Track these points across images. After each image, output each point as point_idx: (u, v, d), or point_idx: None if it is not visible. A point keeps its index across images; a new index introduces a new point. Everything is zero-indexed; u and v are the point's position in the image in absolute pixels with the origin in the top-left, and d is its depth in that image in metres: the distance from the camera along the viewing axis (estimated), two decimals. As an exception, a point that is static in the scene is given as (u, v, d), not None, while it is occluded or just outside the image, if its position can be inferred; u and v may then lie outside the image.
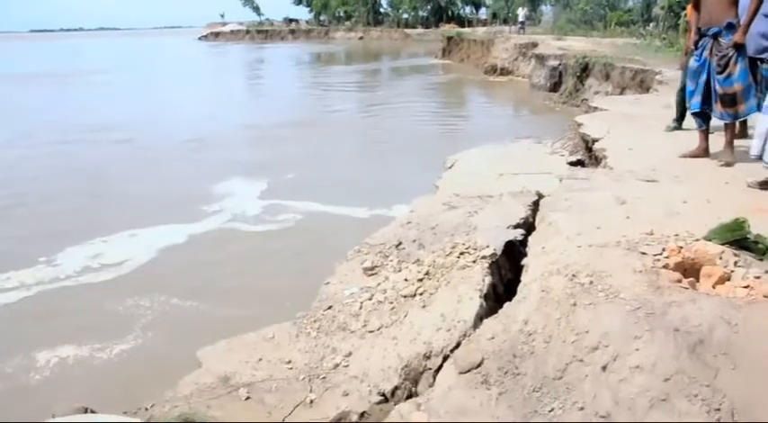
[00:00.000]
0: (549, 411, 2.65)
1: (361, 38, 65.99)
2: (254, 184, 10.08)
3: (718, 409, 2.50)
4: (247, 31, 77.79)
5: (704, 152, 6.03)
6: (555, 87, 18.19)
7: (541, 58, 19.56)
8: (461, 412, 2.73)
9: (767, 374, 2.59)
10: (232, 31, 79.40)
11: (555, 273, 3.33)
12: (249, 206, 9.03)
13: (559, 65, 18.22)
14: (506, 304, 3.38)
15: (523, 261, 3.93)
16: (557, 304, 3.06)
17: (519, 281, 3.90)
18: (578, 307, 2.95)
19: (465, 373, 2.91)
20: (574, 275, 3.19)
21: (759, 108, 6.69)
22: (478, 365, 2.92)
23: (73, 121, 17.07)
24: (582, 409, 2.62)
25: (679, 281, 3.12)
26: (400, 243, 4.62)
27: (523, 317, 3.11)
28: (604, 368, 2.71)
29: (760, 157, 4.71)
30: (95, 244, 7.54)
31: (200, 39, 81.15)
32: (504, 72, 23.05)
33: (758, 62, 6.52)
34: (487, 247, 4.19)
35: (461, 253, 4.17)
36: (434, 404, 2.81)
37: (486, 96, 19.98)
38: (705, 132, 6.09)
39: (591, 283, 3.09)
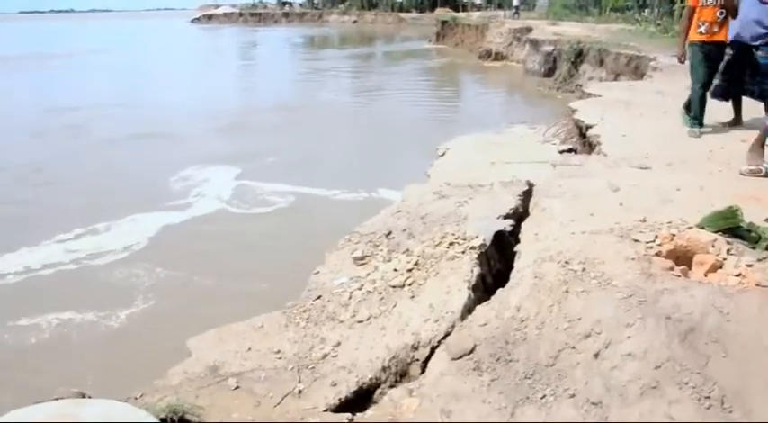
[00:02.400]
0: (541, 398, 2.66)
1: (354, 21, 65.55)
2: (240, 170, 9.98)
3: (708, 397, 2.51)
4: (240, 14, 77.16)
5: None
6: (549, 73, 18.14)
7: (536, 44, 19.48)
8: (453, 398, 2.73)
9: (758, 362, 2.60)
10: (225, 14, 78.74)
11: (548, 259, 3.33)
12: (232, 190, 8.97)
13: (554, 50, 18.16)
14: (499, 290, 3.38)
15: (516, 247, 3.93)
16: (549, 291, 3.06)
17: (508, 271, 3.90)
18: (571, 294, 2.95)
19: (457, 359, 2.91)
20: (567, 262, 3.19)
21: (752, 94, 6.71)
22: (471, 352, 2.92)
23: (45, 104, 17.04)
24: (573, 395, 2.63)
25: (671, 268, 3.12)
26: (390, 232, 4.60)
27: (516, 303, 3.11)
28: (596, 355, 2.72)
29: None
30: (69, 234, 7.47)
31: (192, 21, 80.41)
32: (499, 57, 22.96)
33: (753, 50, 6.49)
34: (477, 237, 4.18)
35: (451, 243, 4.16)
36: (426, 390, 2.82)
37: (480, 81, 19.90)
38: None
39: (584, 270, 3.10)
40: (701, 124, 6.71)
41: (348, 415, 2.71)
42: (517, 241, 4.37)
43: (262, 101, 16.67)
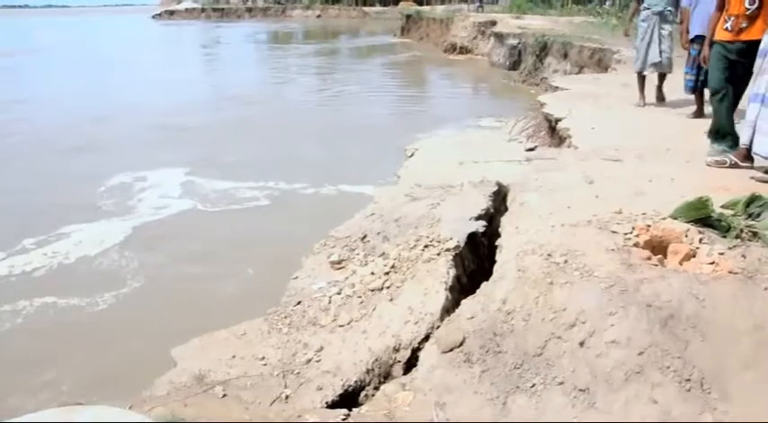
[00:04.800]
0: (531, 387, 2.76)
1: (318, 16, 65.24)
2: (204, 169, 9.66)
3: (689, 380, 2.64)
4: (203, 10, 76.07)
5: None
6: (514, 66, 18.36)
7: (500, 37, 19.70)
8: (446, 390, 2.82)
9: (733, 345, 2.74)
10: (187, 10, 77.52)
11: (530, 252, 3.43)
12: (194, 190, 8.71)
13: (519, 44, 18.38)
14: (483, 284, 3.47)
15: (498, 241, 4.03)
16: (534, 283, 3.16)
17: (482, 270, 4.00)
18: (555, 285, 3.06)
19: (447, 352, 3.00)
20: (549, 255, 3.30)
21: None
22: (460, 345, 3.01)
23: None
24: (562, 383, 2.74)
25: (649, 258, 3.25)
26: (365, 236, 4.64)
27: (501, 296, 3.21)
28: (582, 344, 2.83)
29: (748, 148, 4.77)
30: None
31: (153, 17, 79.06)
32: (464, 50, 23.13)
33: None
34: (451, 239, 4.26)
35: (426, 246, 4.23)
36: (419, 383, 2.90)
37: (446, 75, 20.04)
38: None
39: (566, 261, 3.20)
40: (733, 145, 5.16)
41: (344, 411, 2.77)
42: (490, 240, 4.48)
43: (224, 98, 16.23)
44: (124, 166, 9.82)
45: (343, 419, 2.67)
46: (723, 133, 5.31)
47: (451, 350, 2.99)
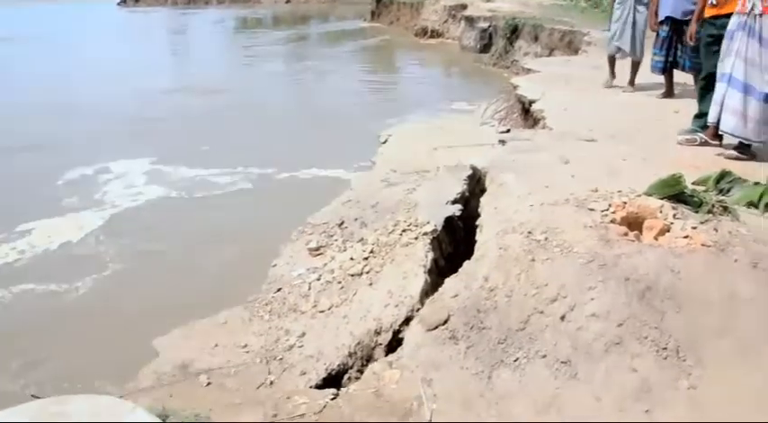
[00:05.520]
0: (515, 361, 2.84)
1: (288, 1, 64.37)
2: (169, 158, 9.38)
3: (666, 348, 2.75)
4: (168, -4, 74.67)
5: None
6: (485, 49, 18.36)
7: (471, 20, 19.69)
8: (432, 366, 2.88)
9: (707, 314, 2.85)
10: (152, -4, 76.04)
11: (510, 231, 3.51)
12: (165, 178, 8.53)
13: (489, 27, 18.40)
14: (466, 263, 3.54)
15: (478, 221, 4.10)
16: (515, 261, 3.24)
17: (458, 253, 4.06)
18: (536, 262, 3.14)
19: (432, 329, 3.07)
20: (529, 233, 3.38)
21: (683, 67, 7.08)
22: (445, 322, 3.08)
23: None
24: (545, 356, 2.82)
25: (625, 234, 3.35)
26: (343, 222, 4.67)
27: (484, 274, 3.28)
28: (563, 318, 2.92)
29: (716, 126, 4.88)
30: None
31: (119, 5, 77.37)
32: (435, 34, 23.05)
33: (684, 26, 6.84)
34: (428, 223, 4.31)
35: (404, 230, 4.28)
36: (406, 361, 2.96)
37: (418, 59, 19.99)
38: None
39: (546, 239, 3.29)
40: (704, 124, 5.20)
41: (333, 390, 2.83)
42: (466, 223, 4.55)
43: (190, 86, 15.64)
44: (84, 159, 9.34)
45: (333, 399, 2.72)
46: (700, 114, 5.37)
47: (436, 328, 3.06)
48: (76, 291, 5.67)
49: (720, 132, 4.85)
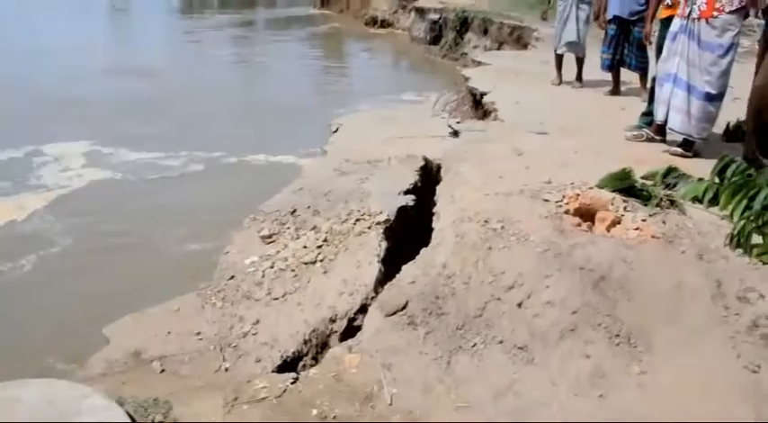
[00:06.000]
0: (473, 346, 2.88)
1: (233, -17, 63.24)
2: (108, 141, 8.97)
3: (618, 335, 2.84)
4: (109, -28, 72.13)
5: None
6: (435, 41, 18.45)
7: (421, 12, 19.75)
8: (392, 351, 2.90)
9: (656, 304, 2.96)
10: (90, -29, 73.30)
11: (466, 219, 3.55)
12: (103, 161, 8.20)
13: (439, 19, 18.49)
14: (423, 250, 3.57)
15: (435, 209, 4.12)
16: (472, 248, 3.28)
17: (413, 241, 4.08)
18: (493, 250, 3.19)
19: (391, 315, 3.08)
20: (486, 221, 3.42)
21: (630, 66, 7.30)
22: (403, 308, 3.09)
23: None
24: (502, 342, 2.88)
25: (579, 225, 3.44)
26: (295, 210, 4.60)
27: (441, 261, 3.31)
28: (520, 305, 2.98)
29: (664, 124, 5.04)
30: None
31: (53, -22, 74.23)
32: (384, 24, 23.03)
33: (630, 25, 7.04)
34: (381, 213, 4.30)
35: (357, 220, 4.26)
36: (365, 346, 2.96)
37: (368, 49, 19.95)
38: None
39: (502, 228, 3.34)
40: (650, 121, 5.39)
41: (293, 374, 2.81)
42: (418, 212, 4.57)
43: (129, 69, 14.65)
44: (12, 141, 8.75)
45: (292, 383, 2.71)
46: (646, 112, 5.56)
47: (395, 313, 3.07)
48: (21, 270, 5.47)
49: (669, 130, 5.03)
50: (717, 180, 4.05)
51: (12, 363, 4.19)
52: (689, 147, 4.93)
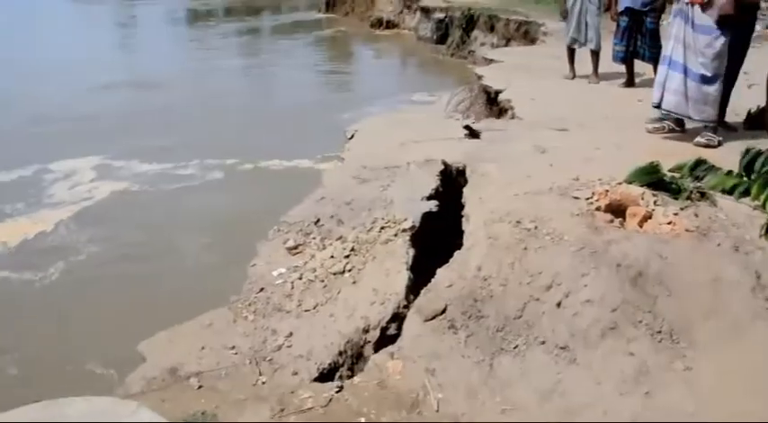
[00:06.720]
0: (514, 348, 2.89)
1: (236, -9, 63.41)
2: (121, 154, 8.95)
3: (660, 332, 2.84)
4: (112, -15, 72.54)
5: None
6: (441, 40, 18.42)
7: (427, 11, 19.73)
8: (434, 356, 2.91)
9: (695, 298, 2.95)
10: (94, -15, 73.73)
11: (498, 220, 3.55)
12: (118, 174, 8.20)
13: (445, 17, 18.46)
14: (456, 253, 3.57)
15: (464, 211, 4.12)
16: (506, 249, 3.29)
17: (437, 248, 4.07)
18: (529, 250, 3.20)
19: (430, 320, 3.09)
20: (518, 222, 3.43)
21: (643, 57, 7.27)
22: (442, 312, 3.10)
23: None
24: (543, 342, 2.88)
25: (611, 221, 3.43)
26: (319, 220, 4.60)
27: (476, 264, 3.32)
28: (559, 305, 2.98)
29: (658, 106, 5.11)
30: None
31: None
32: (390, 25, 23.00)
33: (643, 17, 7.01)
34: (406, 219, 4.28)
35: (382, 228, 4.24)
36: (407, 352, 2.97)
37: (375, 51, 19.96)
38: None
39: (536, 228, 3.34)
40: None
41: (337, 383, 2.82)
42: (442, 216, 4.56)
43: (139, 81, 14.67)
44: (22, 160, 8.60)
45: (337, 391, 2.72)
46: None
47: (434, 318, 3.08)
48: (49, 280, 5.53)
49: (663, 112, 5.10)
50: (744, 174, 4.03)
51: (47, 380, 4.25)
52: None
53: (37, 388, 4.04)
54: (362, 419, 2.57)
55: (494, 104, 7.73)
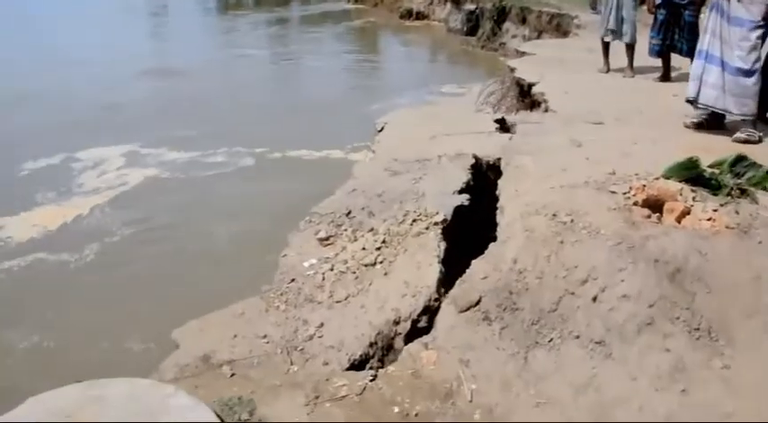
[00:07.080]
0: (549, 341, 2.88)
1: (265, -19, 63.62)
2: (151, 143, 9.12)
3: (698, 329, 2.80)
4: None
5: None
6: (472, 31, 18.31)
7: (457, 2, 19.62)
8: (468, 347, 2.91)
9: (735, 295, 2.91)
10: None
11: (534, 213, 3.53)
12: (148, 162, 8.39)
13: (476, 9, 18.34)
14: (491, 245, 3.56)
15: (499, 203, 4.11)
16: (543, 242, 3.27)
17: (467, 241, 4.06)
18: (565, 244, 3.17)
19: (464, 311, 3.09)
20: (554, 215, 3.41)
21: (681, 51, 7.15)
22: (477, 303, 3.10)
23: None
24: (578, 337, 2.86)
25: (649, 216, 3.39)
26: (350, 212, 4.61)
27: (512, 256, 3.30)
28: (595, 299, 2.95)
29: (695, 100, 5.04)
30: None
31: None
32: (420, 16, 22.92)
33: (681, 9, 6.90)
34: (438, 213, 4.27)
35: (414, 220, 4.24)
36: (441, 342, 2.98)
37: (405, 42, 19.91)
38: None
39: (572, 221, 3.32)
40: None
41: (372, 372, 2.84)
42: (472, 210, 4.54)
43: (170, 70, 14.72)
44: (55, 148, 8.80)
45: (371, 380, 2.74)
46: None
47: (468, 309, 3.08)
48: (84, 274, 5.63)
49: (700, 105, 5.04)
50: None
51: (82, 360, 4.34)
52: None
53: (73, 369, 4.14)
54: (396, 408, 2.58)
55: (525, 97, 7.68)
